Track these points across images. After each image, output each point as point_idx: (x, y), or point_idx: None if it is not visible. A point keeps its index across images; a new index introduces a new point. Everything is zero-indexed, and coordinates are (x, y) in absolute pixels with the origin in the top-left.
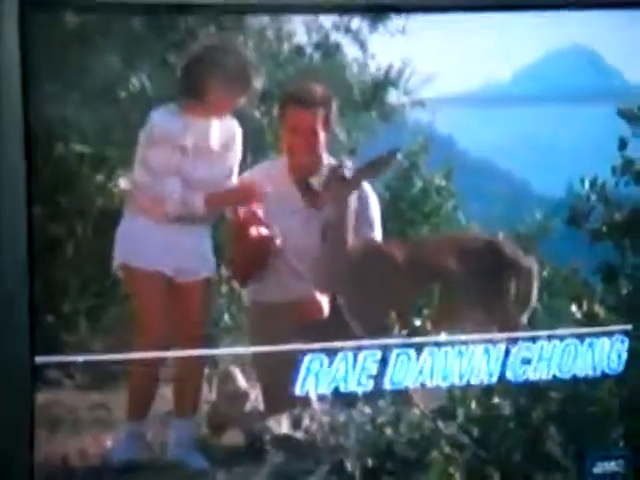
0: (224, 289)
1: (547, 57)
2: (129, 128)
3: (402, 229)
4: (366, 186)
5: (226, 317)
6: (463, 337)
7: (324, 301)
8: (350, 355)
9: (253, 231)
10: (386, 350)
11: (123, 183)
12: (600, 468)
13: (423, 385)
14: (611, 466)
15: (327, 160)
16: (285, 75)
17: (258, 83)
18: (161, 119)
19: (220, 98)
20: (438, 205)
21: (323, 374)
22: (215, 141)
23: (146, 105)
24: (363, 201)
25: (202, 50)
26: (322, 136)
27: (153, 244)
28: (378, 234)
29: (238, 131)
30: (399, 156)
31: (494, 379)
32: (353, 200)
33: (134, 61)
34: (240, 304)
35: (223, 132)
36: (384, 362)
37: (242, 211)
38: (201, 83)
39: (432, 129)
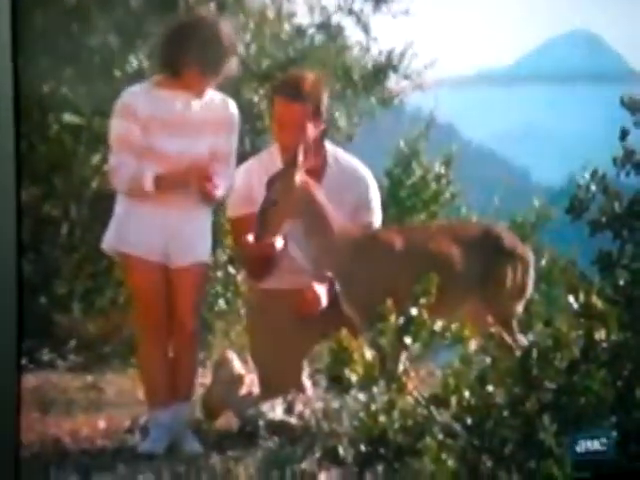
0: (219, 274)
1: (549, 41)
2: None
3: (401, 216)
4: (365, 171)
5: (221, 302)
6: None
7: (322, 291)
8: None
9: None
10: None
11: None
12: (584, 447)
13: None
14: (595, 445)
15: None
16: (285, 56)
17: (233, 65)
18: (126, 95)
19: (193, 75)
20: (437, 192)
21: None
22: (198, 117)
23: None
24: (361, 186)
25: (179, 24)
26: (311, 129)
27: (141, 227)
28: (377, 219)
29: (232, 110)
30: (401, 143)
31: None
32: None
33: (131, 38)
34: (236, 289)
35: (210, 109)
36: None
37: (236, 218)
38: (175, 58)
39: (432, 115)
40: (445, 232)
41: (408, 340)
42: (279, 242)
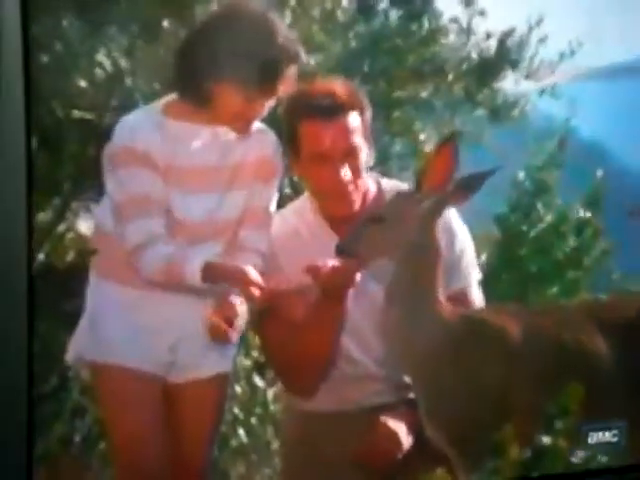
0: (239, 388)
1: None
2: (94, 134)
3: (522, 289)
4: (450, 213)
5: (241, 432)
6: None
7: (401, 430)
8: None
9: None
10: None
11: (84, 226)
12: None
13: None
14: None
15: (375, 184)
16: (343, 46)
17: (292, 80)
18: (128, 129)
19: (229, 99)
20: (580, 249)
21: None
22: (230, 164)
23: (126, 100)
24: (446, 236)
25: (207, 22)
26: (364, 154)
27: (132, 326)
28: (473, 288)
29: (274, 144)
30: (520, 174)
31: None
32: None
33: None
34: (265, 411)
35: (244, 148)
36: None
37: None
38: (202, 74)
39: (569, 130)
40: (589, 313)
41: None
42: (358, 275)
